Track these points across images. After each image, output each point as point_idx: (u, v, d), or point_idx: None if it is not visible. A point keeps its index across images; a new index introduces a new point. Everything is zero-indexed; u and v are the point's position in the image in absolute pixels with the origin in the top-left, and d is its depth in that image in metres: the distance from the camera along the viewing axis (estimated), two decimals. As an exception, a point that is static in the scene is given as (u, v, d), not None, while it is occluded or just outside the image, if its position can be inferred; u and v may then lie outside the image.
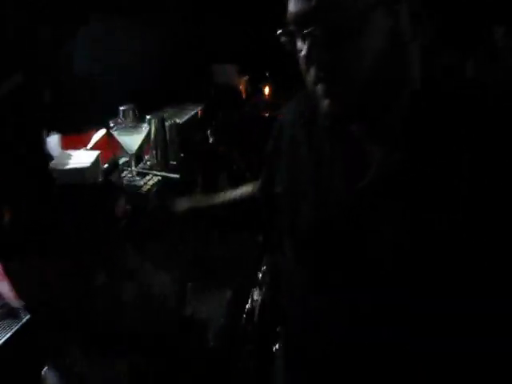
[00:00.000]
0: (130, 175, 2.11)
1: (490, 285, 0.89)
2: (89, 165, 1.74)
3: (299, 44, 0.98)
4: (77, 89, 2.14)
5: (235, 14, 2.94)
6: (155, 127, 2.21)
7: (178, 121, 2.34)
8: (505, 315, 0.88)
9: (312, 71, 0.98)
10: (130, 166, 2.12)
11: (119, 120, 2.13)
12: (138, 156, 2.20)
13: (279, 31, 0.99)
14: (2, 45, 1.47)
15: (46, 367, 1.36)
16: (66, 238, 1.70)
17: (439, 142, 0.94)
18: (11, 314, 1.43)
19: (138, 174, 2.15)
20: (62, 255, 1.65)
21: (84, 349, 1.54)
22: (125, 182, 2.05)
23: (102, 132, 2.05)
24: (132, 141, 2.07)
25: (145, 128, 2.11)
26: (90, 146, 1.98)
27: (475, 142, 0.90)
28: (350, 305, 1.03)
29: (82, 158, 1.77)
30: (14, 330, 1.38)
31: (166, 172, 2.20)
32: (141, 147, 2.16)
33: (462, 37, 2.26)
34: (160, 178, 2.17)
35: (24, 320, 1.41)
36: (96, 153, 1.82)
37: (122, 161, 2.16)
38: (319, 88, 0.98)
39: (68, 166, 1.72)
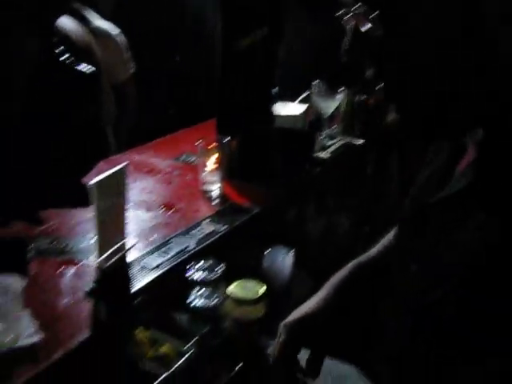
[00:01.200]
0: (320, 136, 2.46)
1: None
2: (300, 113, 2.11)
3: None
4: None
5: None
6: (347, 100, 2.56)
7: (362, 98, 2.67)
8: None
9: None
10: (322, 127, 2.47)
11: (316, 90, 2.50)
12: (329, 121, 2.56)
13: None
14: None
15: (267, 251, 1.72)
16: (274, 170, 2.08)
17: None
18: (236, 210, 1.80)
19: (328, 135, 2.50)
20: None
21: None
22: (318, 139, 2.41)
23: (306, 93, 2.42)
24: (328, 106, 2.42)
25: (339, 98, 2.46)
26: (296, 102, 2.36)
27: None
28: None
29: (294, 109, 2.15)
30: (239, 222, 1.75)
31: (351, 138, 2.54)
32: (332, 114, 2.51)
33: None
34: (345, 142, 2.51)
35: (248, 216, 1.78)
36: (305, 106, 2.19)
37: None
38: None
39: (284, 113, 2.09)
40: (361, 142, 2.53)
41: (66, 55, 1.99)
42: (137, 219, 1.71)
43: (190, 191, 1.95)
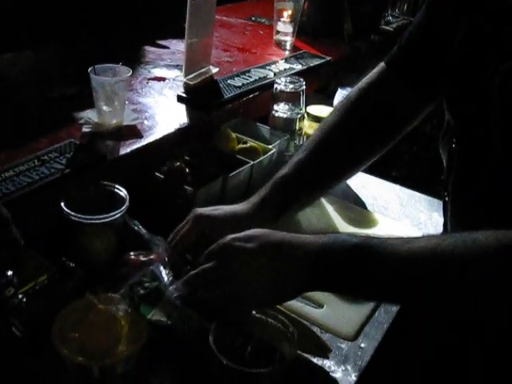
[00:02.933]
0: (386, 12, 2.53)
1: None
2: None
3: None
4: None
5: None
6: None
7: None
8: None
9: None
10: (387, 4, 2.55)
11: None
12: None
13: None
14: None
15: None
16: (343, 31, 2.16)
17: None
18: (309, 56, 1.90)
19: (392, 14, 2.57)
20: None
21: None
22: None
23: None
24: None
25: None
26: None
27: None
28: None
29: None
30: (313, 65, 1.84)
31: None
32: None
33: None
34: (407, 21, 2.58)
35: (322, 61, 1.87)
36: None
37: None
38: None
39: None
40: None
41: None
42: (215, 56, 1.81)
43: (264, 41, 2.06)
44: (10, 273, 0.64)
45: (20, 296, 0.66)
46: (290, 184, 1.07)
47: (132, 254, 1.04)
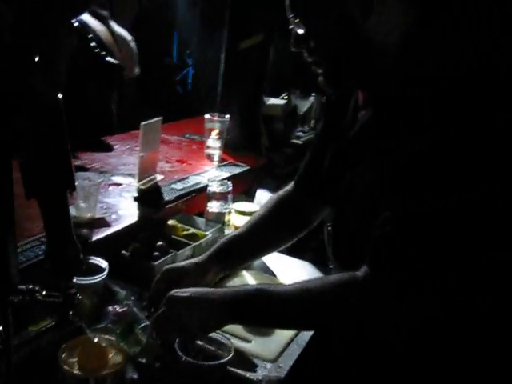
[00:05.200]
0: (296, 128, 3.09)
1: None
2: (282, 104, 2.74)
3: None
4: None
5: None
6: (318, 103, 3.21)
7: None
8: None
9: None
10: (297, 121, 3.11)
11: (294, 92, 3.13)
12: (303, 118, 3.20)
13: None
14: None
15: (257, 190, 2.32)
16: (260, 145, 2.68)
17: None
18: (234, 166, 2.40)
19: (302, 129, 3.13)
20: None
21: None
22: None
23: (285, 94, 3.06)
24: (302, 105, 3.08)
25: (311, 100, 3.12)
26: (278, 98, 3.00)
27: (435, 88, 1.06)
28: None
29: (277, 101, 2.78)
30: (237, 172, 2.34)
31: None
32: (305, 113, 3.16)
33: None
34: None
35: (243, 169, 2.38)
36: (285, 101, 2.83)
37: None
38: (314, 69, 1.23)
39: (269, 102, 2.72)
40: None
41: (97, 49, 2.62)
42: (160, 166, 2.28)
43: (197, 154, 2.55)
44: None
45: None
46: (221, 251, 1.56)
47: (111, 307, 1.44)
